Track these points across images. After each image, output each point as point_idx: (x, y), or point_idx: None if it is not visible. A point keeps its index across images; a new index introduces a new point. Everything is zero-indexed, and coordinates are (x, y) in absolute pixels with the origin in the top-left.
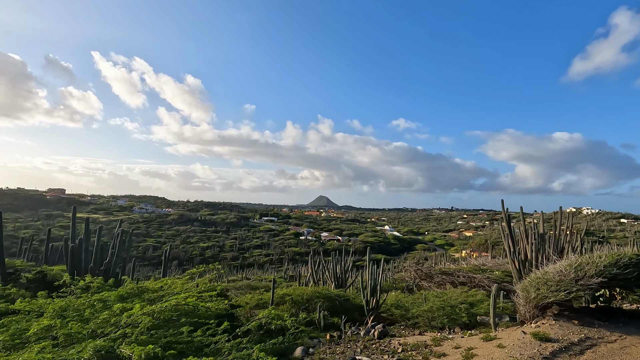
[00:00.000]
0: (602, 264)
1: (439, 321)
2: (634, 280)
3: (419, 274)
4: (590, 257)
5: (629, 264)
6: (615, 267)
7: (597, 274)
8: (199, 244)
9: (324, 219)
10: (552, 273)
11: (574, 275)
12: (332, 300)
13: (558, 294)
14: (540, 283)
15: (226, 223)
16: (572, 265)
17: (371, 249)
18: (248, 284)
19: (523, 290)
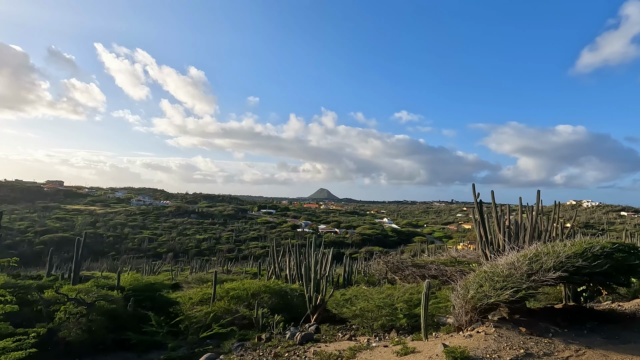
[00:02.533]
0: (564, 254)
1: (379, 323)
2: (604, 274)
3: (389, 266)
4: (552, 246)
5: (600, 255)
6: (581, 259)
7: (556, 267)
8: (195, 236)
9: (323, 212)
10: (502, 266)
11: (526, 269)
12: (283, 296)
13: (502, 292)
14: (485, 279)
15: (223, 215)
16: (526, 256)
17: (369, 241)
18: (199, 277)
19: (463, 288)
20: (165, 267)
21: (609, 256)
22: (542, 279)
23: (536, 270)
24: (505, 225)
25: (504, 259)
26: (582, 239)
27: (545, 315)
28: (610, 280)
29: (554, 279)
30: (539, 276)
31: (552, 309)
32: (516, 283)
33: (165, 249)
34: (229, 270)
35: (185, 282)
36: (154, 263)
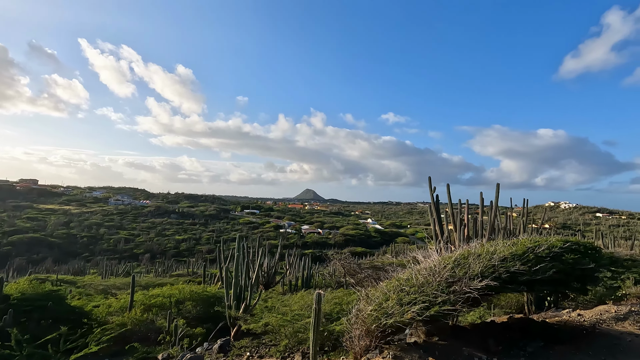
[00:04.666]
0: (498, 256)
1: (284, 343)
2: (548, 282)
3: (346, 268)
4: (489, 246)
5: (545, 257)
6: (520, 262)
7: (484, 273)
8: (175, 237)
9: (307, 212)
10: (421, 272)
11: (448, 276)
12: (212, 304)
13: (408, 309)
14: (394, 290)
15: (205, 215)
16: (450, 260)
17: (352, 242)
18: (113, 284)
19: (364, 303)
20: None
21: (557, 258)
22: (464, 289)
23: (459, 278)
24: (461, 222)
25: (426, 262)
26: (530, 237)
27: (477, 335)
28: (557, 288)
29: (479, 290)
30: (460, 285)
31: (490, 325)
32: (430, 296)
33: (142, 250)
34: (195, 272)
35: (95, 289)
36: (130, 264)
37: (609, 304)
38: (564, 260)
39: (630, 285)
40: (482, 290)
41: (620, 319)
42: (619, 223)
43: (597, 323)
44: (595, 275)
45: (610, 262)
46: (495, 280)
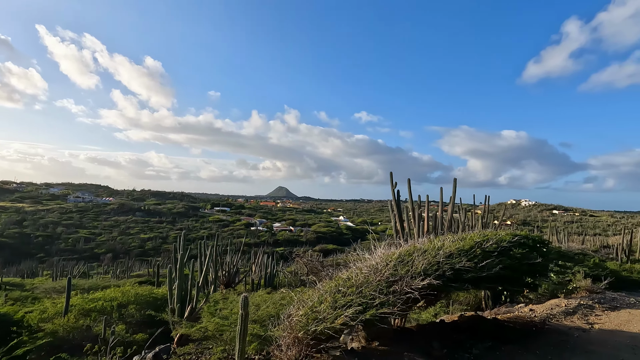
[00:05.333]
0: (443, 252)
1: (219, 349)
2: (495, 279)
3: (309, 266)
4: (436, 241)
5: (492, 252)
6: (466, 257)
7: (427, 271)
8: (140, 235)
9: (280, 210)
10: (363, 270)
11: (389, 274)
12: (159, 307)
13: (341, 313)
14: (332, 292)
15: (173, 213)
16: (393, 257)
17: (323, 239)
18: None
19: (296, 307)
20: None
21: (505, 253)
22: (404, 289)
23: (400, 276)
24: (420, 218)
25: (370, 260)
26: (480, 231)
27: (422, 337)
28: (504, 285)
29: (420, 289)
30: (401, 285)
31: (438, 325)
32: (367, 297)
33: (103, 250)
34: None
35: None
36: (89, 265)
37: (560, 298)
38: (512, 255)
39: (580, 278)
40: (424, 290)
41: (569, 313)
42: (573, 219)
43: (548, 318)
44: (543, 270)
45: (559, 255)
46: (438, 279)
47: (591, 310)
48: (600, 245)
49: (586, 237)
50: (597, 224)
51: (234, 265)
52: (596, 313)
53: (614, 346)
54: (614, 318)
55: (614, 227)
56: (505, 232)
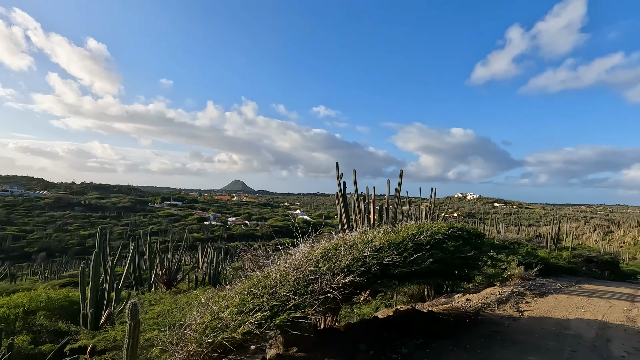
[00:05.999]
0: (372, 246)
1: None
2: (426, 272)
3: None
4: (362, 235)
5: (424, 245)
6: (396, 251)
7: (351, 267)
8: (79, 232)
9: (235, 204)
10: (283, 271)
11: (309, 272)
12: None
13: (245, 319)
14: (242, 294)
15: (118, 208)
16: (317, 252)
17: (279, 233)
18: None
19: (198, 315)
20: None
21: (438, 245)
22: (323, 288)
23: (322, 274)
24: (366, 209)
25: (293, 257)
26: (416, 223)
27: (349, 338)
28: (435, 280)
29: (341, 288)
30: (321, 283)
31: (370, 323)
32: (281, 299)
33: (35, 248)
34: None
35: None
36: (19, 266)
37: (496, 286)
38: (445, 247)
39: (514, 266)
40: (346, 288)
41: (502, 301)
42: (511, 212)
43: (482, 308)
44: (477, 263)
45: (492, 246)
46: (364, 275)
47: (522, 297)
48: (533, 235)
49: (522, 228)
50: (531, 216)
51: (176, 262)
52: (527, 300)
53: (541, 334)
54: (542, 304)
55: (545, 218)
56: (441, 224)
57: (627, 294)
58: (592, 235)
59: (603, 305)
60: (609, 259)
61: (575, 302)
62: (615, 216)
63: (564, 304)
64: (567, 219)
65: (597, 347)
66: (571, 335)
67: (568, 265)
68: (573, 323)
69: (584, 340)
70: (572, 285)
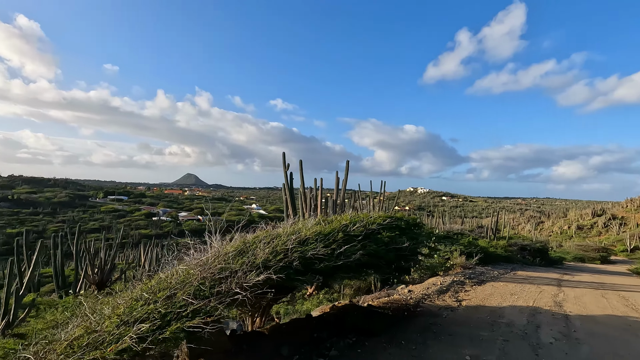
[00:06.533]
0: (297, 238)
1: None
2: (356, 266)
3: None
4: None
5: (357, 236)
6: (323, 244)
7: (268, 263)
8: (5, 230)
9: (187, 198)
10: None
11: (218, 270)
12: None
13: (126, 333)
14: (133, 300)
15: (53, 203)
16: (231, 247)
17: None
18: None
19: (77, 328)
20: None
21: (372, 237)
22: (232, 289)
23: (233, 271)
24: (312, 201)
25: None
26: (352, 213)
27: (273, 341)
28: (366, 273)
29: (253, 288)
30: (230, 283)
31: (300, 323)
32: (177, 305)
33: None
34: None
35: None
36: None
37: (440, 275)
38: (380, 239)
39: (456, 256)
40: (260, 287)
41: (443, 291)
42: (457, 204)
43: (422, 299)
44: (413, 255)
45: (428, 237)
46: (283, 271)
47: (462, 286)
48: (476, 226)
49: (465, 219)
50: (474, 208)
51: (109, 260)
52: (466, 289)
53: (476, 324)
54: (480, 292)
55: (486, 210)
56: (378, 214)
57: (555, 278)
58: (526, 225)
59: (534, 291)
60: (539, 246)
61: (510, 288)
62: (546, 208)
63: (500, 291)
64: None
65: (527, 335)
66: (504, 323)
67: (505, 253)
68: (507, 310)
69: (516, 327)
70: (508, 272)
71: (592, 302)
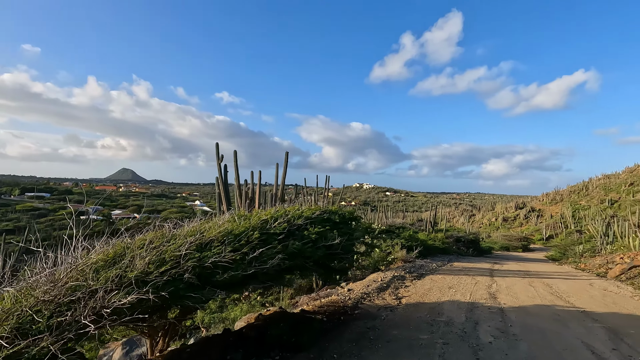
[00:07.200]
0: (196, 240)
1: None
2: (274, 273)
3: None
4: (186, 228)
5: (278, 235)
6: (232, 246)
7: (147, 277)
8: None
9: (122, 195)
10: (21, 291)
11: (69, 290)
12: None
13: None
14: None
15: None
16: (95, 260)
17: None
18: None
19: None
20: None
21: (297, 233)
22: (78, 319)
23: (91, 291)
24: (246, 196)
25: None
26: (276, 207)
27: None
28: (286, 278)
29: (114, 315)
30: (79, 310)
31: (210, 342)
32: None
33: None
34: None
35: None
36: None
37: (381, 271)
38: (307, 235)
39: (398, 250)
40: (128, 313)
41: (383, 288)
42: (400, 199)
43: (362, 299)
44: (346, 254)
45: (365, 231)
46: (168, 286)
47: (402, 282)
48: (416, 220)
49: (407, 214)
50: (415, 203)
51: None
52: (406, 284)
53: (416, 325)
54: (419, 287)
55: (426, 205)
56: (307, 207)
57: (487, 269)
58: (460, 218)
59: (470, 283)
60: (472, 237)
61: (448, 281)
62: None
63: (438, 284)
64: (442, 205)
65: (467, 334)
66: (443, 322)
67: (442, 245)
68: (445, 306)
69: (455, 327)
70: (446, 264)
71: (522, 291)
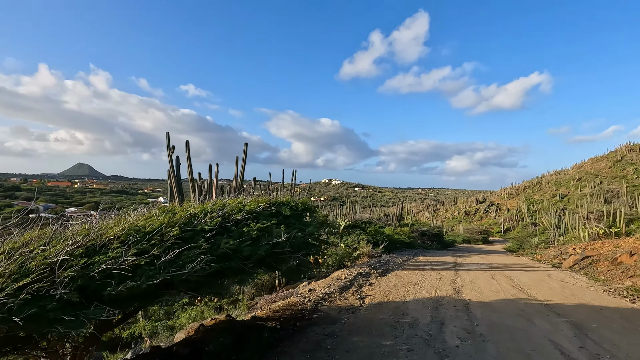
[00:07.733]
0: (86, 241)
1: None
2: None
3: None
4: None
5: (207, 232)
6: (138, 248)
7: (42, 277)
8: None
9: (78, 191)
10: None
11: None
12: None
13: None
14: None
15: None
16: None
17: None
18: None
19: None
20: None
21: (234, 230)
22: None
23: None
24: (200, 189)
25: None
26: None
27: None
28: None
29: None
30: None
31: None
32: None
33: None
34: None
35: None
36: None
37: (346, 267)
38: (246, 232)
39: (363, 245)
40: None
41: (346, 287)
42: (367, 195)
43: (323, 299)
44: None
45: (321, 226)
46: (31, 306)
47: (367, 278)
48: (383, 215)
49: (374, 209)
50: (382, 198)
51: None
52: (370, 281)
53: (379, 329)
54: (384, 284)
55: (392, 200)
56: (252, 199)
57: (451, 262)
58: (425, 212)
59: (435, 278)
60: (436, 231)
61: (413, 277)
62: (441, 197)
63: (404, 281)
64: (408, 200)
65: (432, 337)
66: (408, 324)
67: (408, 240)
68: (410, 305)
69: (420, 329)
70: (411, 258)
71: (485, 285)
